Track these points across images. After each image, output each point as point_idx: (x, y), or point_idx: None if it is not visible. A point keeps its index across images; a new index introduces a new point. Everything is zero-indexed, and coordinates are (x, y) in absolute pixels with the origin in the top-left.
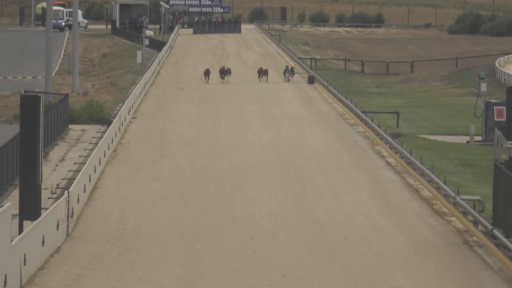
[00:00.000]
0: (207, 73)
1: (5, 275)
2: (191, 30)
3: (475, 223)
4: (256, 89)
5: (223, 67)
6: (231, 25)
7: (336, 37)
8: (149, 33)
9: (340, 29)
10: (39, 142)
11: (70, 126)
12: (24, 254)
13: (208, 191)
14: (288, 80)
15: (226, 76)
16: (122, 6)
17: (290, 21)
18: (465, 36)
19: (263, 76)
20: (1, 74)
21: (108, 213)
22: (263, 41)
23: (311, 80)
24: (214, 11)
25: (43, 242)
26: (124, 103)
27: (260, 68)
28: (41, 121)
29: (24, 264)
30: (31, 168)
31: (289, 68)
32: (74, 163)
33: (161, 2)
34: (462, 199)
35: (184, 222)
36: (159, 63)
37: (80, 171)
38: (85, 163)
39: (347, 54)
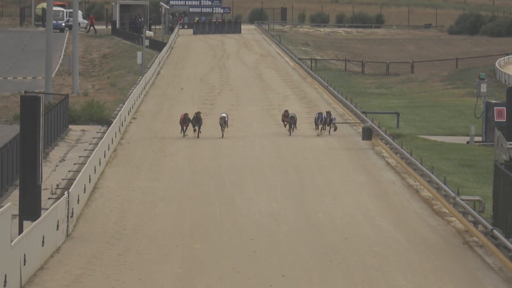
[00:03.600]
0: (185, 121)
1: (5, 275)
2: (191, 30)
3: (475, 223)
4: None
5: (196, 114)
6: (231, 26)
7: (336, 38)
8: (149, 33)
9: (340, 30)
10: (39, 143)
11: (70, 126)
12: (24, 254)
13: (208, 191)
14: (328, 132)
15: (198, 127)
16: (122, 7)
17: (290, 22)
18: (465, 36)
19: (288, 125)
20: (1, 74)
21: (108, 213)
22: (263, 42)
23: (367, 135)
24: (214, 12)
25: (43, 242)
26: (124, 104)
27: (286, 113)
28: (41, 121)
29: (24, 264)
30: (31, 168)
31: (323, 116)
32: (74, 164)
33: (161, 3)
34: (462, 200)
35: (184, 222)
36: (159, 63)
37: (80, 171)
38: (85, 164)
39: (347, 55)
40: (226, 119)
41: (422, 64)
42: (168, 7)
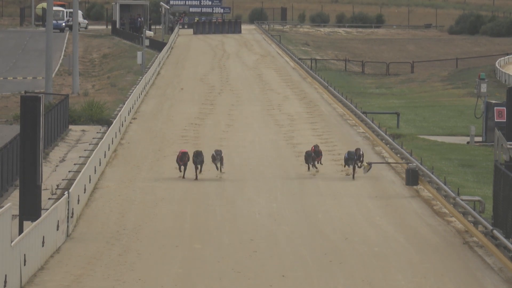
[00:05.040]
0: (183, 159)
1: (5, 275)
2: (191, 30)
3: (475, 223)
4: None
5: (197, 152)
6: (231, 26)
7: (336, 38)
8: (149, 33)
9: (340, 30)
10: (39, 143)
11: (70, 126)
12: (24, 255)
13: (208, 191)
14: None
15: (199, 166)
16: (122, 7)
17: (290, 22)
18: (465, 36)
19: (314, 162)
20: (2, 74)
21: (108, 213)
22: (263, 42)
23: (411, 179)
24: (214, 12)
25: (43, 242)
26: (124, 104)
27: (316, 150)
28: (41, 121)
29: (24, 265)
30: (31, 168)
31: (358, 154)
32: (74, 164)
33: (161, 3)
34: (462, 200)
35: (184, 222)
36: (159, 63)
37: (80, 171)
38: (85, 164)
39: (347, 55)
40: (222, 154)
41: (422, 64)
42: (168, 7)
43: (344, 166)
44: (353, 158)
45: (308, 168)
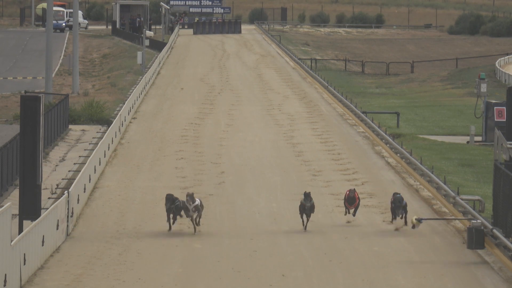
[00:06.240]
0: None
1: (5, 274)
2: (191, 30)
3: None
4: None
5: (188, 197)
6: (231, 26)
7: (336, 38)
8: (149, 33)
9: (340, 30)
10: (39, 142)
11: (70, 126)
12: (24, 254)
13: (208, 191)
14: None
15: (175, 217)
16: (122, 7)
17: (290, 22)
18: (465, 36)
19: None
20: (2, 74)
21: (108, 213)
22: (263, 42)
23: (476, 241)
24: (214, 12)
25: (43, 242)
26: (124, 104)
27: (350, 196)
28: (41, 121)
29: (24, 264)
30: (31, 168)
31: (402, 200)
32: (74, 163)
33: (162, 3)
34: (462, 199)
35: (184, 222)
36: (159, 63)
37: (80, 171)
38: (85, 163)
39: (347, 55)
40: (199, 204)
41: (422, 64)
42: (168, 7)
43: (393, 219)
44: (400, 206)
45: (303, 223)
